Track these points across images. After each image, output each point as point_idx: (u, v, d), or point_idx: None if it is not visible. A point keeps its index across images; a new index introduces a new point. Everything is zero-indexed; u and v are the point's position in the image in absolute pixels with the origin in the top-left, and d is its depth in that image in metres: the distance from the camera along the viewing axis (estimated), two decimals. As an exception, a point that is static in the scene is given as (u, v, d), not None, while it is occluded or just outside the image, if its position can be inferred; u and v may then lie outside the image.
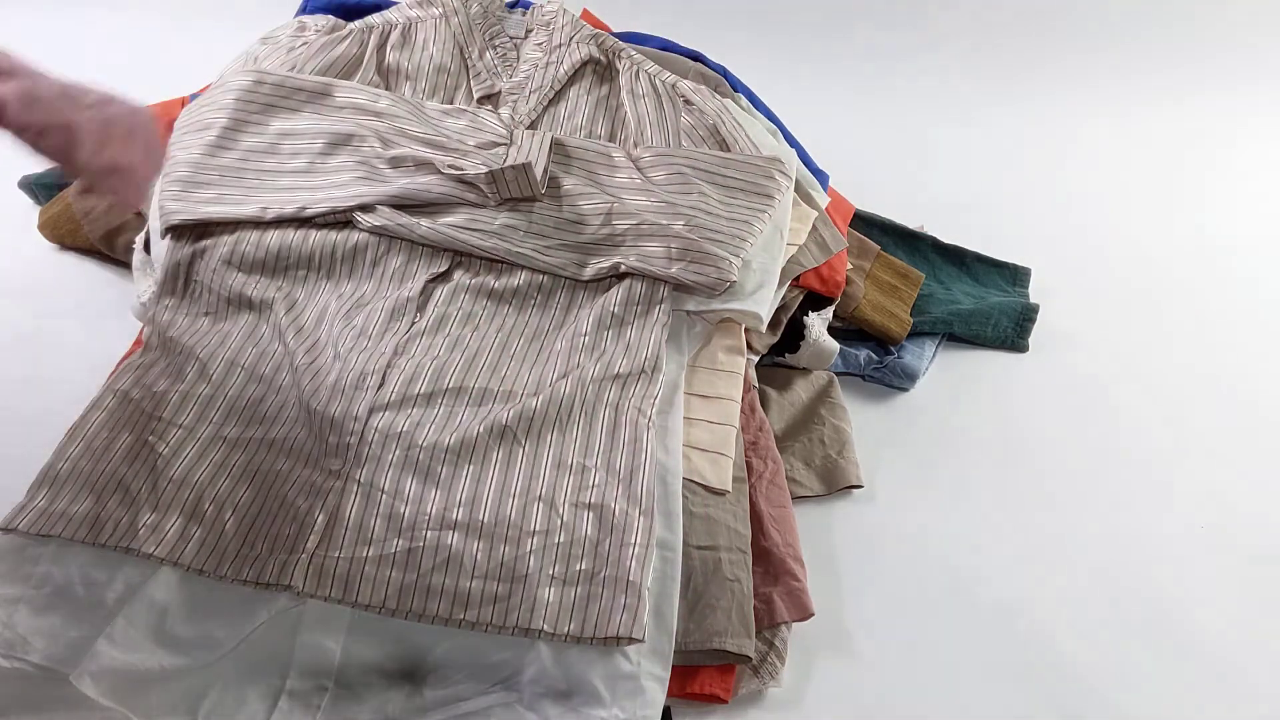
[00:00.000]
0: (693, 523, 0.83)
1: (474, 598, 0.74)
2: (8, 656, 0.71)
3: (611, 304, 0.91)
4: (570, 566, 0.76)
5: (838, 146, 1.30)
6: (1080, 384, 1.13)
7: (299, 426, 0.82)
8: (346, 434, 0.80)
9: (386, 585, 0.74)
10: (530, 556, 0.76)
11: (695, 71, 1.15)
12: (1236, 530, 0.97)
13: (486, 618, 0.74)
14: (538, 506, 0.79)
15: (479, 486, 0.80)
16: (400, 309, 0.90)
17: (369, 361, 0.85)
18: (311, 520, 0.76)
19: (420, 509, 0.77)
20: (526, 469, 0.81)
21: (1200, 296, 1.27)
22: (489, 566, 0.75)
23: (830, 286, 1.06)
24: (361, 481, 0.78)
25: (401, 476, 0.79)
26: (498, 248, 0.93)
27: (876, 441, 1.02)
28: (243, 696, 0.72)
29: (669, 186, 0.98)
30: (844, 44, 1.71)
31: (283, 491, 0.79)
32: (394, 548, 0.75)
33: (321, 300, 0.92)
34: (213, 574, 0.74)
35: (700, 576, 0.81)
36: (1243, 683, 0.84)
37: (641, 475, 0.81)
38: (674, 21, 1.31)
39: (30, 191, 1.27)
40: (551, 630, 0.73)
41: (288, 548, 0.75)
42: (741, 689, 0.80)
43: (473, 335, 0.90)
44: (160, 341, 0.89)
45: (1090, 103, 1.65)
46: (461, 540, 0.76)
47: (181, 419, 0.82)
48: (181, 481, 0.78)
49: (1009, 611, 0.88)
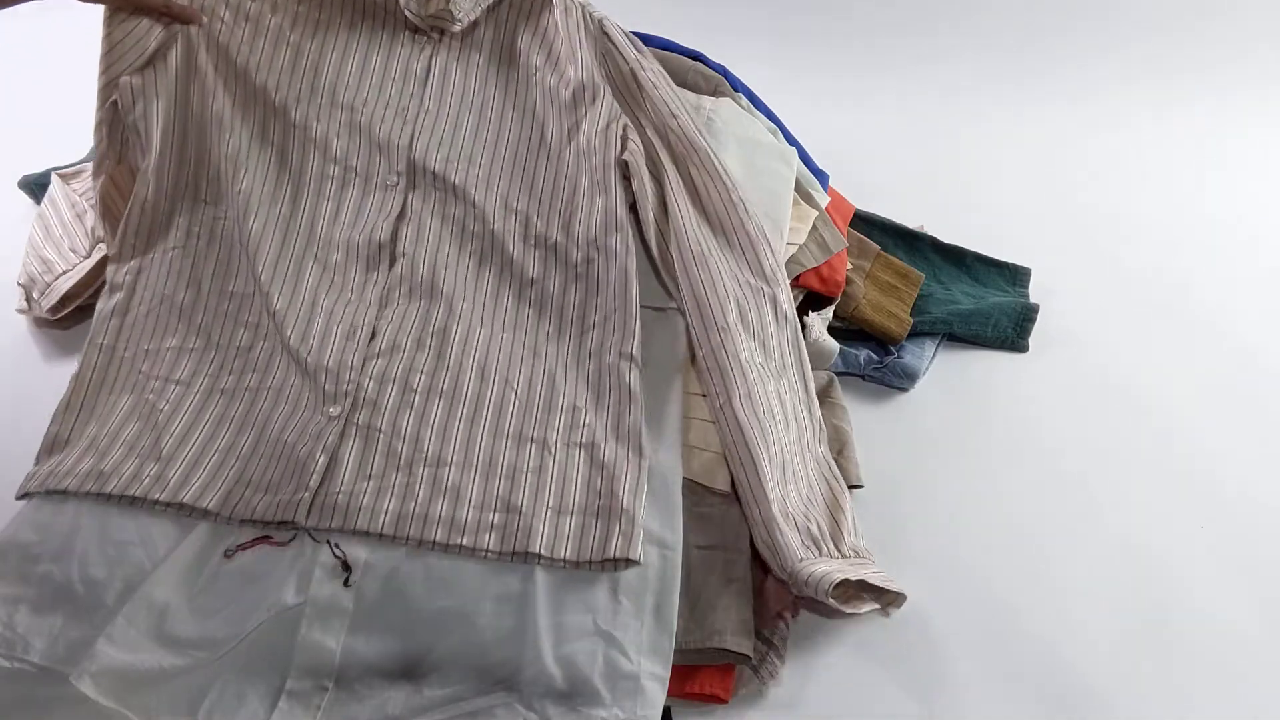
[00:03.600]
0: (693, 522, 0.83)
1: (470, 525, 0.78)
2: (8, 656, 0.72)
3: (578, 235, 0.94)
4: (564, 500, 0.80)
5: (838, 146, 1.30)
6: (1080, 384, 1.13)
7: (293, 374, 0.86)
8: (344, 382, 0.84)
9: (384, 514, 0.78)
10: (525, 491, 0.80)
11: (695, 71, 1.15)
12: (1239, 531, 0.97)
13: (484, 544, 0.77)
14: (531, 446, 0.83)
15: (473, 427, 0.84)
16: (374, 257, 0.93)
17: (356, 314, 0.89)
18: (313, 463, 0.79)
19: (417, 448, 0.82)
20: (519, 411, 0.85)
21: (1201, 296, 1.27)
22: (485, 498, 0.80)
23: (830, 286, 1.06)
24: (360, 424, 0.82)
25: (398, 418, 0.83)
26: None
27: (876, 441, 1.02)
28: (243, 696, 0.72)
29: None
30: (844, 44, 1.71)
31: (283, 438, 0.82)
32: (392, 481, 0.80)
33: (283, 231, 0.95)
34: (217, 514, 0.78)
35: (700, 576, 0.81)
36: (1244, 684, 0.84)
37: (629, 414, 0.85)
38: (674, 21, 1.30)
39: (30, 191, 1.27)
40: (549, 555, 0.77)
41: (290, 489, 0.79)
42: (741, 689, 0.80)
43: (449, 278, 0.93)
44: (133, 281, 0.92)
45: (1091, 103, 1.65)
46: (458, 474, 0.80)
47: (178, 375, 0.86)
48: (184, 436, 0.82)
49: (1010, 611, 0.88)
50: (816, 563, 0.79)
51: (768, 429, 0.85)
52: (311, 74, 1.01)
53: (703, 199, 0.97)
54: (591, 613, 0.75)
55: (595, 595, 0.76)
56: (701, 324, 0.89)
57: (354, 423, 0.82)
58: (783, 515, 0.81)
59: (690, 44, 1.18)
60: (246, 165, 0.97)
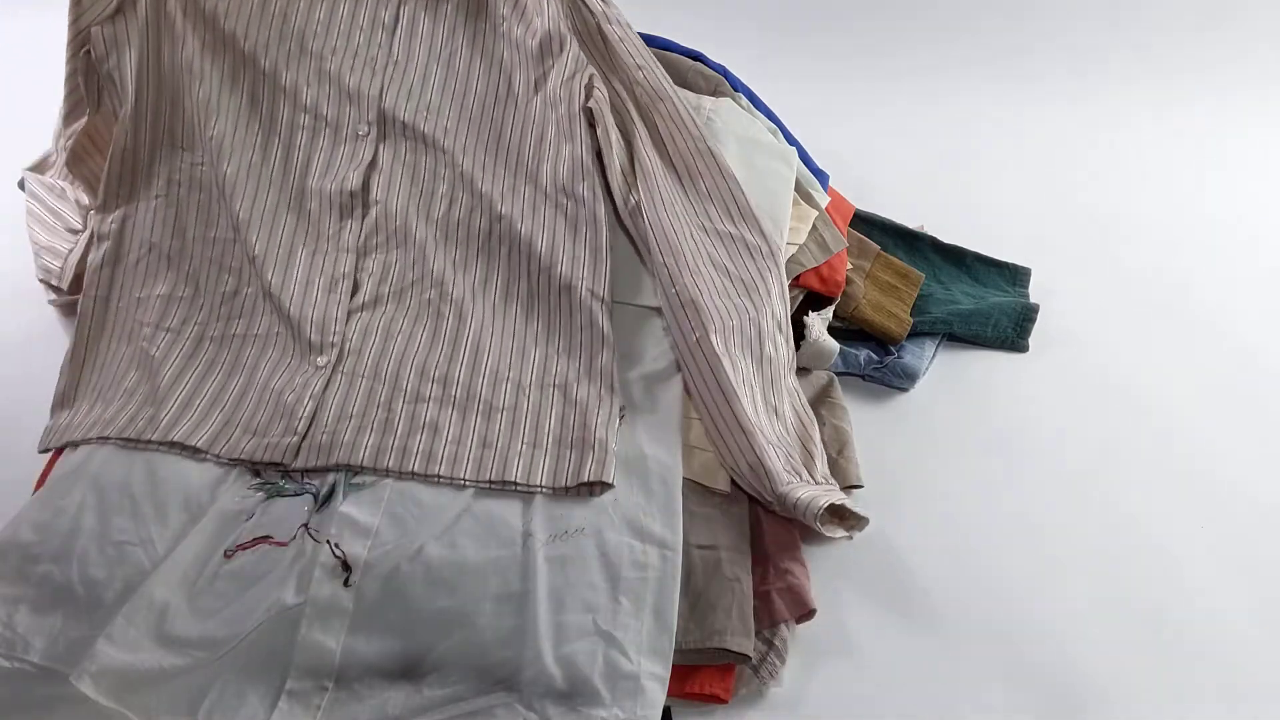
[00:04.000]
0: (693, 522, 0.83)
1: (448, 456, 0.82)
2: (8, 656, 0.72)
3: (545, 183, 0.96)
4: (539, 435, 0.84)
5: (838, 146, 1.30)
6: (1080, 384, 1.13)
7: (278, 322, 0.90)
8: (329, 334, 0.89)
9: (364, 449, 0.82)
10: (501, 426, 0.84)
11: (695, 71, 1.15)
12: (1239, 530, 0.97)
13: (461, 472, 0.81)
14: (506, 386, 0.87)
15: (450, 367, 0.88)
16: (347, 206, 0.96)
17: (335, 265, 0.93)
18: (300, 408, 0.84)
19: (396, 386, 0.86)
20: (495, 353, 0.89)
21: (1201, 296, 1.27)
22: (462, 433, 0.84)
23: (830, 286, 1.06)
24: (345, 372, 0.87)
25: (380, 363, 0.88)
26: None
27: (876, 441, 1.02)
28: (243, 696, 0.72)
29: None
30: (845, 44, 1.71)
31: (271, 384, 0.87)
32: (372, 418, 0.84)
33: (257, 178, 0.97)
34: (207, 451, 0.82)
35: (700, 576, 0.81)
36: (1244, 683, 0.84)
37: (601, 355, 0.88)
38: (674, 21, 1.30)
39: (31, 191, 1.27)
40: (525, 482, 0.81)
41: (278, 432, 0.83)
42: (741, 689, 0.80)
43: (422, 227, 0.96)
44: (119, 230, 0.95)
45: (1091, 103, 1.65)
46: (436, 410, 0.85)
47: (169, 322, 0.90)
48: (175, 381, 0.86)
49: (1009, 611, 0.88)
50: (800, 488, 0.82)
51: (745, 363, 0.87)
52: (280, 20, 1.02)
53: (669, 148, 0.98)
54: (591, 613, 0.75)
55: (595, 595, 0.76)
56: (675, 264, 0.90)
57: (340, 371, 0.87)
58: (766, 442, 0.83)
59: (690, 44, 1.19)
60: (217, 112, 0.98)
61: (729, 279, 0.92)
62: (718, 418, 0.85)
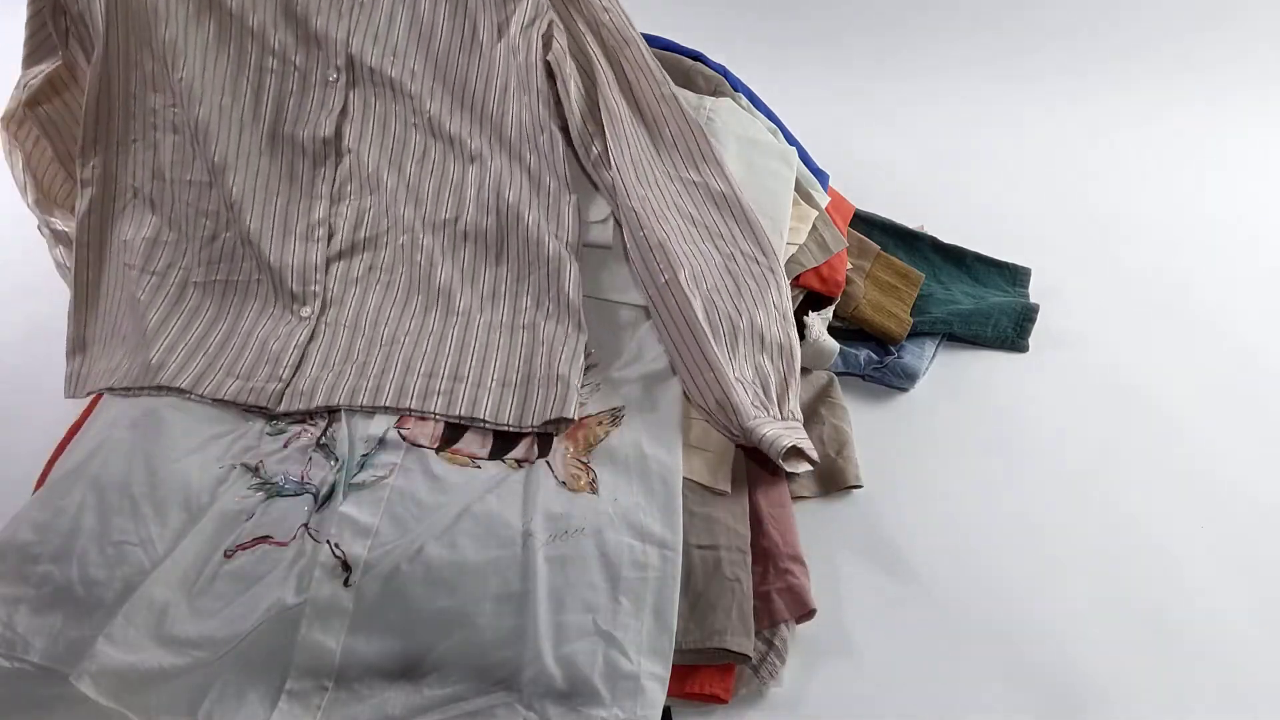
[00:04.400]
0: (693, 522, 0.83)
1: (419, 391, 0.86)
2: (8, 656, 0.72)
3: (510, 134, 0.97)
4: (508, 374, 0.88)
5: (838, 146, 1.31)
6: (1080, 384, 1.13)
7: (258, 268, 0.92)
8: (310, 283, 0.92)
9: (341, 391, 0.86)
10: (472, 364, 0.88)
11: (695, 71, 1.15)
12: (1239, 530, 0.97)
13: (431, 406, 0.85)
14: (478, 327, 0.91)
15: (426, 313, 0.92)
16: (319, 153, 0.97)
17: (311, 211, 0.95)
18: (285, 357, 0.88)
19: (375, 333, 0.91)
20: (467, 297, 0.92)
21: (1201, 296, 1.27)
22: (434, 369, 0.88)
23: (830, 286, 1.06)
24: (328, 322, 0.91)
25: (360, 312, 0.92)
26: None
27: (876, 441, 1.02)
28: (243, 696, 0.72)
29: None
30: (845, 44, 1.71)
31: (255, 332, 0.90)
32: (351, 364, 0.88)
33: (229, 121, 0.97)
34: (191, 392, 0.85)
35: (700, 576, 0.81)
36: (1244, 682, 0.84)
37: (567, 291, 0.91)
38: (674, 21, 1.30)
39: (30, 191, 1.27)
40: (492, 419, 0.85)
41: (263, 378, 0.87)
42: (741, 689, 0.80)
43: (394, 174, 0.98)
44: (101, 175, 0.96)
45: (1091, 103, 1.65)
46: (410, 350, 0.89)
47: (154, 266, 0.93)
48: (160, 326, 0.89)
49: (1009, 611, 0.88)
50: (766, 424, 0.83)
51: (719, 301, 0.88)
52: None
53: (635, 93, 0.99)
54: (591, 613, 0.75)
55: (595, 595, 0.76)
56: (643, 209, 0.92)
57: (324, 322, 0.91)
58: (735, 378, 0.85)
59: (690, 44, 1.18)
60: (185, 54, 0.98)
61: (694, 225, 0.94)
62: (686, 356, 0.87)
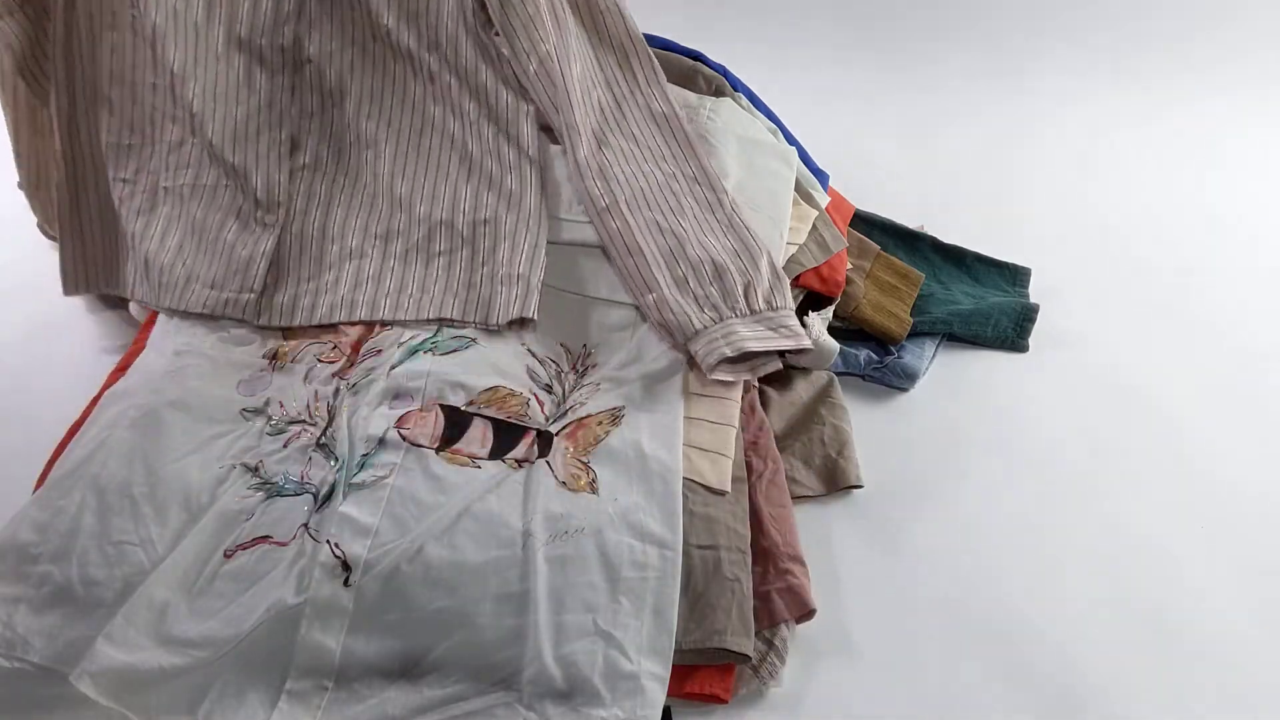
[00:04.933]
0: (693, 522, 0.83)
1: (389, 304, 0.90)
2: (8, 656, 0.72)
3: (464, 48, 0.98)
4: (472, 275, 0.91)
5: (838, 146, 1.31)
6: (1080, 384, 1.13)
7: (223, 175, 0.94)
8: (275, 193, 0.95)
9: (316, 309, 0.91)
10: (438, 271, 0.92)
11: (695, 71, 1.15)
12: (1239, 530, 0.97)
13: (400, 314, 0.90)
14: (441, 230, 0.94)
15: (391, 222, 0.94)
16: (278, 63, 0.97)
17: (272, 119, 0.96)
18: (254, 266, 0.91)
19: (342, 244, 0.94)
20: (428, 204, 0.95)
21: (1201, 296, 1.27)
22: (401, 283, 0.91)
23: (830, 286, 1.06)
24: (294, 232, 0.94)
25: (326, 223, 0.95)
26: None
27: (876, 441, 1.02)
28: (243, 696, 0.72)
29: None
30: (845, 44, 1.71)
31: (222, 236, 0.93)
32: (322, 280, 0.92)
33: (183, 25, 0.98)
34: (174, 306, 0.90)
35: (700, 576, 0.81)
36: (1244, 683, 0.84)
37: (528, 191, 0.94)
38: (674, 21, 1.30)
39: (30, 191, 1.27)
40: (460, 318, 0.89)
41: (235, 288, 0.90)
42: (741, 689, 0.80)
43: (356, 83, 0.99)
44: (65, 79, 0.97)
45: (1091, 103, 1.65)
46: (379, 263, 0.92)
47: (124, 174, 0.95)
48: (136, 234, 0.92)
49: (1009, 611, 0.88)
50: (701, 339, 0.86)
51: (657, 219, 0.90)
52: None
53: (587, 7, 1.01)
54: (591, 613, 0.75)
55: (595, 595, 0.76)
56: (582, 127, 0.94)
57: (289, 230, 0.93)
58: (675, 296, 0.88)
59: (690, 44, 1.18)
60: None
61: (637, 146, 0.95)
62: (631, 281, 0.91)
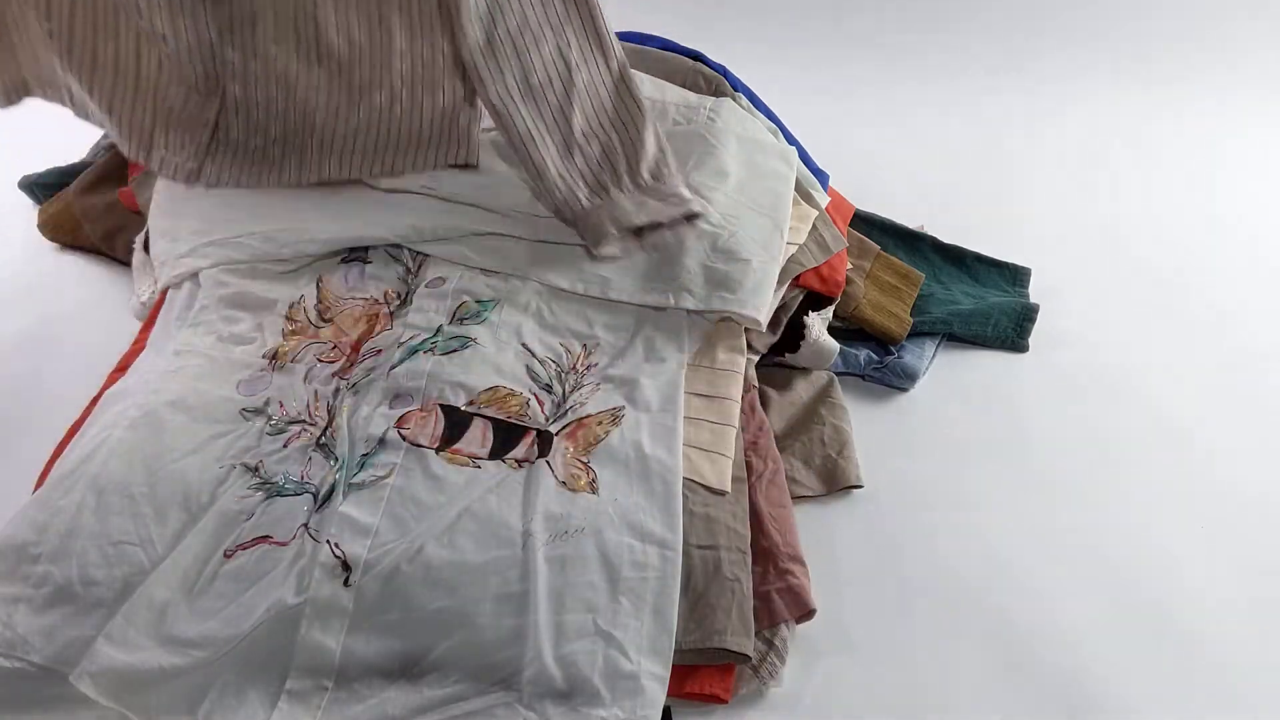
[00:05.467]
0: (693, 522, 0.83)
1: (345, 168, 0.97)
2: (8, 656, 0.71)
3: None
4: (422, 135, 0.97)
5: (838, 146, 1.31)
6: (1081, 384, 1.13)
7: (174, 34, 0.96)
8: (204, 44, 0.95)
9: (278, 170, 0.97)
10: (385, 129, 0.97)
11: (695, 71, 1.15)
12: (1239, 530, 0.97)
13: (355, 174, 0.97)
14: (380, 93, 0.96)
15: (331, 87, 0.96)
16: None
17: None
18: (208, 111, 0.96)
19: (286, 120, 0.97)
20: (367, 65, 0.96)
21: (1201, 296, 1.27)
22: (355, 146, 0.97)
23: (830, 286, 1.06)
24: (237, 98, 0.97)
25: (269, 88, 0.97)
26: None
27: (876, 441, 1.02)
28: (243, 696, 0.72)
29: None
30: (844, 43, 1.71)
31: (170, 95, 0.96)
32: (272, 153, 0.97)
33: None
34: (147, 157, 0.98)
35: (700, 576, 0.81)
36: (1244, 682, 0.84)
37: (464, 47, 0.93)
38: (674, 21, 1.31)
39: (30, 191, 1.27)
40: (422, 166, 0.97)
41: (187, 156, 0.96)
42: (741, 689, 0.80)
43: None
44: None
45: (1091, 103, 1.65)
46: (330, 130, 0.97)
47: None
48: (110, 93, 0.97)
49: (1010, 611, 0.88)
50: (592, 214, 0.93)
51: (546, 99, 0.93)
52: None
53: None
54: (591, 613, 0.75)
55: (595, 595, 0.76)
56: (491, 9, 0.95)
57: (231, 94, 0.97)
58: (561, 176, 0.93)
59: (690, 44, 1.19)
60: None
61: (517, 19, 0.96)
62: (525, 161, 0.95)
